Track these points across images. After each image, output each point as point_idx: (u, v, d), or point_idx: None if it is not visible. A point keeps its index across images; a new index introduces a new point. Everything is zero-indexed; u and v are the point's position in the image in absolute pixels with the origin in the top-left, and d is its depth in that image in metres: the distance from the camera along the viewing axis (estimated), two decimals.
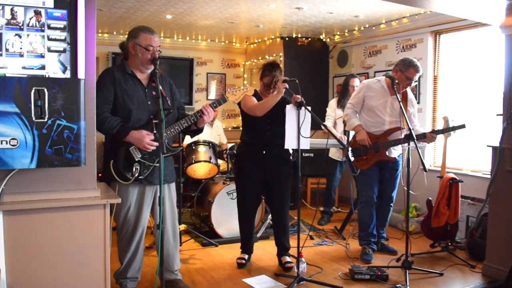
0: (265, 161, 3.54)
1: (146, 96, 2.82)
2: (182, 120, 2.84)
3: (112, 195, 2.21)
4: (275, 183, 3.59)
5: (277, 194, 3.62)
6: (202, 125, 2.96)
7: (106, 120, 2.68)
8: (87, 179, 2.11)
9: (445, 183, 3.95)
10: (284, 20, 5.51)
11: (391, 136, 3.75)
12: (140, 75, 2.85)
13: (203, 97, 7.37)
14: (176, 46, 6.98)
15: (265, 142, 3.51)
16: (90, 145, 2.12)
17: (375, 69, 5.94)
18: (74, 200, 2.06)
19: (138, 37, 2.78)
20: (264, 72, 3.60)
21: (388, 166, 3.89)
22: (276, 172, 3.57)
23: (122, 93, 2.76)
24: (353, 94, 4.05)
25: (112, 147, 2.75)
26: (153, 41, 2.78)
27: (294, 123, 3.25)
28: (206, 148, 4.76)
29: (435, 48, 5.16)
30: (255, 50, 7.35)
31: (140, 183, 2.81)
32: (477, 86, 4.75)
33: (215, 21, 5.57)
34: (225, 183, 4.54)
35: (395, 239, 4.57)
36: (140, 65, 2.82)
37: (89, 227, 2.09)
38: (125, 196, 2.80)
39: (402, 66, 3.67)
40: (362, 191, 3.97)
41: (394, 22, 5.47)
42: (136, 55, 2.79)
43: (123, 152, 2.72)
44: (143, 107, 2.79)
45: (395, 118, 3.74)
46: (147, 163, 2.77)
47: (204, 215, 4.58)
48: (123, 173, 2.71)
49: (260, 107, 3.42)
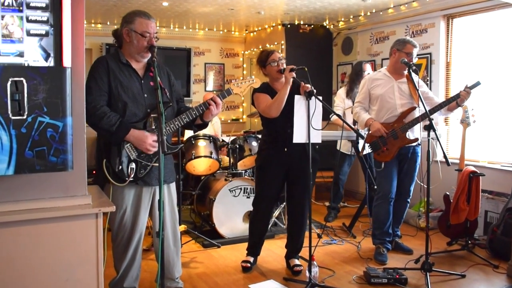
0: (287, 159, 3.27)
1: (142, 88, 2.54)
2: (183, 115, 2.56)
3: (105, 202, 1.92)
4: (297, 181, 3.33)
5: (298, 194, 3.35)
6: (209, 118, 2.67)
7: (106, 115, 2.39)
8: (76, 185, 1.82)
9: (464, 177, 3.69)
10: (287, 6, 5.18)
11: (407, 118, 3.56)
12: (135, 65, 2.56)
13: (201, 88, 7.07)
14: (172, 35, 6.65)
15: (286, 140, 3.21)
16: (79, 145, 1.83)
17: (383, 56, 5.64)
18: (61, 210, 1.77)
19: (133, 22, 2.49)
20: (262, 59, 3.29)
21: (407, 157, 3.66)
22: (299, 170, 3.29)
23: (116, 84, 2.47)
24: (358, 92, 3.90)
25: (106, 145, 2.46)
26: (149, 27, 2.50)
27: (303, 114, 2.97)
28: (207, 142, 4.47)
29: (447, 33, 4.86)
30: (255, 38, 7.03)
31: (136, 184, 2.53)
32: (493, 73, 4.47)
33: (214, 8, 5.24)
34: (227, 180, 4.26)
35: (408, 236, 4.32)
36: (135, 54, 2.53)
37: (79, 240, 1.80)
38: (120, 198, 2.52)
39: (398, 45, 3.61)
40: (380, 186, 3.72)
41: (403, 6, 5.17)
42: (131, 42, 2.50)
43: (118, 151, 2.43)
44: (139, 100, 2.51)
45: (406, 100, 3.60)
46: (144, 162, 2.49)
47: (205, 214, 4.31)
48: (117, 174, 2.43)
49: (273, 107, 3.13)
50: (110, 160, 2.42)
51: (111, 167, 2.42)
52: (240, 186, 4.25)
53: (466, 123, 3.72)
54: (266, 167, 3.34)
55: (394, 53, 3.65)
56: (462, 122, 3.75)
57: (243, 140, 4.56)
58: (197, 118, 2.64)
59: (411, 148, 3.65)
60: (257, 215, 3.45)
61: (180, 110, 2.70)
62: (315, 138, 3.01)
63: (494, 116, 4.44)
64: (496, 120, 4.44)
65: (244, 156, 4.50)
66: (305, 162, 3.25)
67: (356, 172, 6.05)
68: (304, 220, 3.42)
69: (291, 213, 3.48)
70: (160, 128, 2.17)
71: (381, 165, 3.57)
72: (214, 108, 2.58)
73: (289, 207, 3.53)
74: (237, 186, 4.24)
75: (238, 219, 4.26)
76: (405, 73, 3.64)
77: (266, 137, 3.40)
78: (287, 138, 3.18)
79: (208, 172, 4.59)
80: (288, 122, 3.17)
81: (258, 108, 3.29)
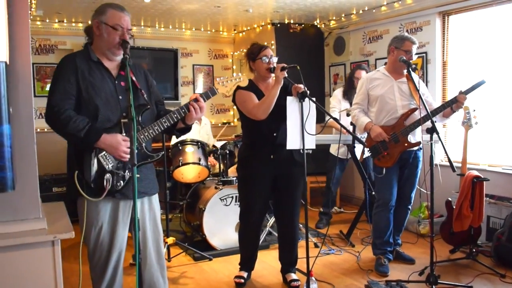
0: (274, 166, 3.00)
1: (116, 89, 2.27)
2: (163, 119, 2.30)
3: (64, 226, 1.62)
4: (285, 190, 3.06)
5: (287, 202, 3.09)
6: (192, 121, 2.41)
7: (71, 120, 2.12)
8: (26, 206, 1.53)
9: (468, 182, 3.50)
10: (277, 3, 4.95)
11: (408, 120, 3.36)
12: (108, 63, 2.29)
13: (189, 91, 6.80)
14: (158, 36, 6.38)
15: (272, 144, 2.97)
16: (27, 158, 1.55)
17: (376, 56, 5.45)
18: (8, 237, 1.48)
19: (105, 13, 2.23)
20: (254, 52, 3.02)
21: (408, 162, 3.46)
22: (287, 178, 3.04)
23: (86, 85, 2.20)
24: (356, 93, 3.69)
25: (77, 153, 2.20)
26: (122, 20, 2.23)
27: (297, 118, 2.73)
28: (195, 148, 4.23)
29: (443, 30, 4.69)
30: (244, 38, 6.79)
31: (113, 197, 2.27)
32: (492, 72, 4.30)
33: (200, 5, 4.98)
34: (217, 188, 4.02)
35: (408, 243, 4.13)
36: (106, 50, 2.27)
37: (33, 272, 1.51)
38: (95, 214, 2.25)
39: (396, 43, 3.42)
40: (380, 193, 3.50)
41: (397, 4, 4.98)
42: (101, 36, 2.24)
43: (91, 160, 2.17)
44: (112, 103, 2.24)
45: (407, 101, 3.40)
46: (121, 173, 2.23)
47: (196, 224, 4.06)
48: (91, 187, 2.17)
49: (261, 108, 2.86)
50: (83, 171, 2.17)
51: (84, 179, 2.17)
52: (231, 195, 4.01)
53: (467, 125, 3.53)
54: (251, 177, 3.04)
55: (392, 51, 3.46)
56: (463, 124, 3.56)
57: (234, 145, 4.33)
58: (179, 122, 2.39)
59: (412, 153, 3.45)
60: (246, 230, 3.19)
61: (160, 113, 2.45)
62: (309, 144, 2.78)
63: (493, 116, 4.27)
64: (495, 121, 4.27)
65: (235, 162, 4.27)
66: (294, 168, 3.03)
67: (352, 177, 5.85)
68: (295, 231, 3.18)
69: (280, 224, 3.22)
70: (131, 135, 1.91)
71: (382, 171, 3.36)
72: (195, 111, 2.31)
73: (277, 218, 3.25)
74: (228, 195, 4.00)
75: (230, 229, 4.02)
76: (405, 72, 3.45)
77: (248, 141, 3.10)
78: (274, 143, 2.95)
79: (197, 179, 4.34)
80: (273, 124, 2.94)
81: (243, 108, 3.00)
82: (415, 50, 3.42)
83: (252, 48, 3.06)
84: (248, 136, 3.10)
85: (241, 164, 3.13)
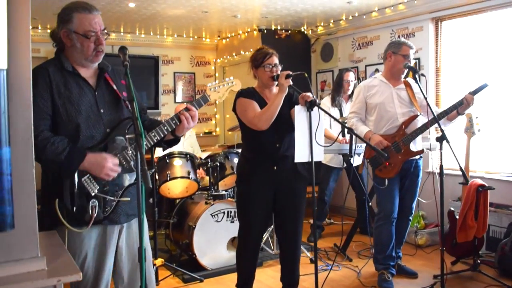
0: (277, 180, 2.76)
1: (97, 101, 1.98)
2: (153, 132, 2.03)
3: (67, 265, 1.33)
4: (288, 206, 2.82)
5: (290, 219, 2.84)
6: (183, 132, 2.14)
7: (49, 142, 1.83)
8: (23, 244, 1.24)
9: (472, 191, 3.37)
10: (267, 8, 4.76)
11: (409, 128, 3.22)
12: (84, 72, 2.00)
13: (170, 99, 6.52)
14: (138, 42, 6.09)
15: (275, 156, 2.74)
16: (26, 188, 1.28)
17: (366, 63, 5.33)
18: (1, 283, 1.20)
19: (71, 20, 1.92)
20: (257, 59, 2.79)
21: (409, 172, 3.31)
22: (290, 193, 2.80)
23: (63, 101, 1.91)
24: (353, 101, 3.54)
25: (55, 178, 1.89)
26: (93, 23, 1.92)
27: (305, 128, 2.53)
28: (183, 161, 3.95)
29: (436, 37, 4.60)
30: (227, 45, 6.58)
31: (100, 224, 1.99)
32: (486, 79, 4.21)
33: (186, 10, 4.73)
34: (208, 203, 3.75)
35: (407, 255, 3.97)
36: (83, 60, 1.97)
37: None
38: (78, 243, 1.95)
39: (394, 48, 3.29)
40: (381, 206, 3.32)
41: (389, 9, 4.88)
42: (73, 46, 1.94)
43: (72, 185, 1.88)
44: (94, 118, 1.95)
45: (407, 108, 3.27)
46: (108, 197, 1.95)
47: (184, 243, 3.77)
48: (74, 215, 1.88)
49: (263, 118, 2.63)
50: (65, 199, 1.88)
51: (66, 208, 1.87)
52: (223, 210, 3.76)
53: (470, 132, 3.41)
54: (251, 192, 2.79)
55: (389, 57, 3.31)
56: (466, 131, 3.44)
57: (224, 157, 4.08)
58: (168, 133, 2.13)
59: (413, 162, 3.30)
60: (245, 250, 2.92)
61: (144, 123, 2.19)
62: (318, 156, 2.57)
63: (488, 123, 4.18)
64: (490, 128, 4.18)
65: (225, 175, 4.02)
66: (297, 182, 2.81)
67: (341, 185, 5.68)
68: (297, 248, 2.95)
69: (282, 242, 2.97)
70: (141, 154, 1.66)
71: (385, 182, 3.19)
72: (186, 121, 2.06)
73: (279, 234, 3.00)
74: (220, 210, 3.74)
75: (222, 247, 3.76)
76: (403, 79, 3.31)
77: (248, 153, 2.86)
78: (277, 154, 2.74)
79: (185, 194, 4.06)
80: (276, 134, 2.72)
81: (243, 117, 2.77)
82: (412, 55, 3.29)
83: (257, 54, 2.83)
84: (249, 148, 2.86)
85: (241, 178, 2.88)
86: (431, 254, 4.08)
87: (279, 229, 2.93)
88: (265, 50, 2.82)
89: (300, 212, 2.84)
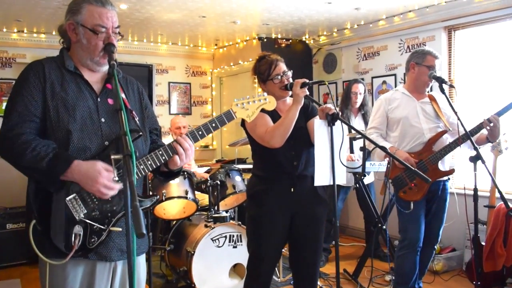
0: (294, 203, 2.41)
1: (98, 108, 1.65)
2: (147, 158, 1.65)
3: None
4: (307, 233, 2.46)
5: (309, 249, 2.48)
6: (175, 167, 1.72)
7: (29, 146, 1.50)
8: None
9: (501, 216, 3.08)
10: (269, 13, 4.46)
11: (436, 145, 2.91)
12: (89, 76, 1.68)
13: (164, 111, 6.17)
14: (131, 50, 5.75)
15: (292, 176, 2.40)
16: None
17: (373, 74, 5.06)
18: None
19: (80, 12, 1.63)
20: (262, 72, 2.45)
21: (437, 195, 2.99)
22: (310, 218, 2.45)
23: (56, 103, 1.59)
24: (371, 116, 3.24)
25: (36, 193, 1.56)
26: (105, 18, 1.63)
27: (326, 146, 2.20)
28: (180, 179, 3.59)
29: (449, 47, 4.35)
30: (224, 55, 6.27)
31: (87, 258, 1.63)
32: (502, 91, 3.97)
33: (182, 14, 4.40)
34: (208, 226, 3.39)
35: (425, 283, 3.64)
36: (88, 60, 1.67)
37: None
38: (61, 280, 1.60)
39: (417, 58, 2.99)
40: (405, 233, 2.99)
41: (397, 17, 4.62)
42: (79, 42, 1.65)
43: (53, 205, 1.53)
44: (91, 127, 1.62)
45: (434, 124, 2.98)
46: (96, 225, 1.60)
47: (182, 271, 3.41)
48: (53, 244, 1.53)
49: (277, 133, 2.28)
50: (43, 221, 1.53)
51: (42, 232, 1.52)
52: (224, 234, 3.40)
53: (497, 150, 3.13)
54: (265, 217, 2.43)
55: (412, 68, 3.02)
56: (493, 149, 3.15)
57: (224, 175, 3.74)
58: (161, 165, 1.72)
59: (441, 184, 2.99)
60: (255, 282, 2.53)
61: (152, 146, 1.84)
62: (340, 178, 2.24)
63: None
64: None
65: (226, 194, 3.67)
66: (317, 206, 2.48)
67: (346, 205, 5.36)
68: (315, 281, 2.60)
69: (298, 273, 2.59)
70: (130, 182, 1.31)
71: (410, 206, 2.87)
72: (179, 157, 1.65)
73: (294, 265, 2.60)
74: (221, 234, 3.39)
75: (223, 275, 3.41)
76: (427, 93, 3.03)
77: (262, 173, 2.51)
78: (294, 174, 2.40)
79: (182, 215, 3.71)
80: (292, 151, 2.40)
81: (253, 134, 2.43)
82: (438, 66, 3.00)
83: (259, 65, 2.48)
84: (262, 166, 2.51)
85: (252, 200, 2.51)
86: (449, 282, 3.77)
87: (295, 259, 2.57)
88: (268, 59, 2.47)
89: (320, 241, 2.50)
